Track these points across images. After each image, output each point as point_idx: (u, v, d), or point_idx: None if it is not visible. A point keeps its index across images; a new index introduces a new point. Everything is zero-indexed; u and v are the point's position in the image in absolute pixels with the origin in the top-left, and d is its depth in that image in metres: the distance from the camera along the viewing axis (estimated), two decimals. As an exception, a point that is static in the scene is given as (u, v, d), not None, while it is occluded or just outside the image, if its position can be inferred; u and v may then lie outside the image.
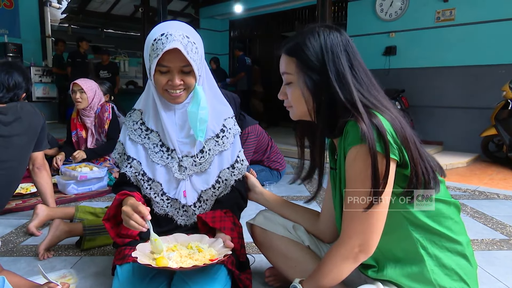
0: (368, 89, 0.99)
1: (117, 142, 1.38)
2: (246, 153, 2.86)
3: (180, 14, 8.70)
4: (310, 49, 0.99)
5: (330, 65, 0.98)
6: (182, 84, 1.21)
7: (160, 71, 1.19)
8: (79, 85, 3.02)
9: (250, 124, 2.97)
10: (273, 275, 1.45)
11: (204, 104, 1.24)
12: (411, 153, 0.92)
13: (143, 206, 1.10)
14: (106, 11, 9.06)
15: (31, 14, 8.17)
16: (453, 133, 5.04)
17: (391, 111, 0.96)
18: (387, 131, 0.90)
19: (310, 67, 0.99)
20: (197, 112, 1.23)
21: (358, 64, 1.01)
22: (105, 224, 1.24)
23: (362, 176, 0.91)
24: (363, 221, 0.93)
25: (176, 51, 1.14)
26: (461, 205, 1.12)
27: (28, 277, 1.28)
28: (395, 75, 5.42)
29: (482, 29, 4.75)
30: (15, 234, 1.97)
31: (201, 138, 1.27)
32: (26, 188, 2.68)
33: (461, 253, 0.99)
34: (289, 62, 1.04)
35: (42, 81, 7.87)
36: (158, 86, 1.22)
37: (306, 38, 1.01)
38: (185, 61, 1.17)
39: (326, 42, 0.99)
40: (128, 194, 1.22)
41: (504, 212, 2.52)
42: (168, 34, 1.15)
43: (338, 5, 6.82)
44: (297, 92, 1.03)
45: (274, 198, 1.39)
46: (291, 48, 1.04)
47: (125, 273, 1.18)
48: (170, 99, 1.24)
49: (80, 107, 3.09)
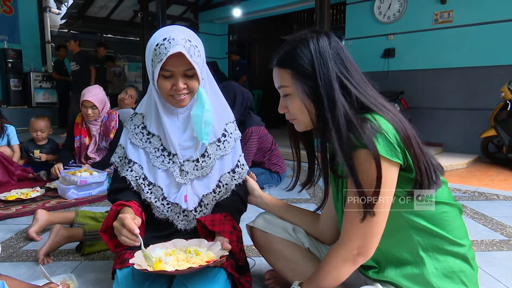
0: (365, 90, 0.99)
1: (118, 146, 1.38)
2: (247, 154, 2.89)
3: (179, 18, 8.73)
4: (302, 57, 0.98)
5: (323, 70, 0.97)
6: (185, 88, 1.21)
7: (164, 76, 1.19)
8: (91, 102, 2.96)
9: (255, 125, 2.97)
10: (273, 277, 1.44)
11: (208, 107, 1.25)
12: (414, 152, 0.91)
13: (129, 220, 1.07)
14: (106, 16, 9.08)
15: (30, 19, 8.21)
16: (453, 135, 5.05)
17: (391, 111, 0.96)
18: (389, 132, 0.90)
19: (306, 75, 0.98)
20: (201, 115, 1.23)
21: (351, 65, 1.00)
22: (102, 236, 1.22)
23: (364, 179, 0.91)
24: (363, 224, 0.93)
25: (179, 55, 1.14)
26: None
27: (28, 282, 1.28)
28: (394, 77, 5.43)
29: (480, 30, 4.76)
30: (15, 240, 1.97)
31: (205, 140, 1.27)
32: (26, 193, 2.68)
33: (463, 256, 0.99)
34: (283, 74, 1.02)
35: (42, 87, 7.89)
36: (163, 91, 1.22)
37: (296, 48, 1.00)
38: (188, 65, 1.17)
39: (316, 48, 0.98)
40: (125, 205, 1.21)
41: (503, 213, 2.52)
42: (170, 39, 1.15)
43: (336, 8, 6.85)
44: (297, 102, 1.02)
45: (273, 201, 1.39)
46: (283, 60, 1.02)
47: (125, 277, 1.18)
48: (174, 103, 1.24)
49: (90, 119, 3.06)
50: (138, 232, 1.08)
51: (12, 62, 7.54)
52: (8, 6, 7.88)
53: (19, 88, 7.68)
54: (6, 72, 7.54)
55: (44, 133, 3.45)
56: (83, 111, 3.02)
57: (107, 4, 8.57)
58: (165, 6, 6.46)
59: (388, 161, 0.89)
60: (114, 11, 8.92)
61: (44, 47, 8.38)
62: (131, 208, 1.19)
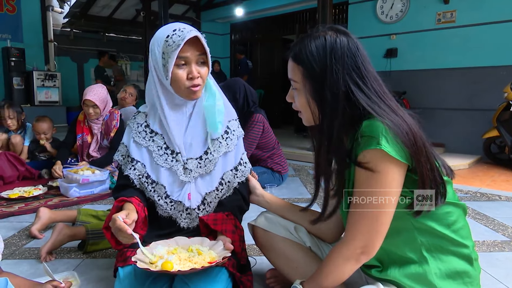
0: (382, 100, 0.97)
1: (121, 144, 1.38)
2: (250, 143, 2.89)
3: (181, 17, 8.73)
4: (315, 59, 0.96)
5: (334, 77, 0.95)
6: (199, 76, 1.23)
7: (178, 65, 1.20)
8: (92, 101, 2.96)
9: (261, 114, 2.99)
10: (274, 276, 1.45)
11: (219, 96, 1.27)
12: (419, 159, 0.90)
13: (119, 222, 1.07)
14: (108, 15, 9.11)
15: (33, 18, 8.24)
16: (455, 135, 5.03)
17: (405, 115, 0.96)
18: (398, 136, 0.89)
19: (316, 77, 0.97)
20: (214, 104, 1.26)
21: (369, 74, 0.97)
22: (105, 233, 1.22)
23: (372, 180, 0.91)
24: (368, 223, 0.93)
25: (194, 40, 1.18)
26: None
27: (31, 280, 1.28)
28: (396, 77, 5.42)
29: (483, 30, 4.75)
30: (17, 237, 1.98)
31: (219, 130, 1.30)
32: (29, 191, 2.69)
33: (467, 257, 0.99)
34: (295, 69, 1.02)
35: (44, 85, 7.90)
36: (180, 82, 1.21)
37: (312, 44, 0.98)
38: (201, 50, 1.21)
39: (332, 52, 0.95)
40: (126, 200, 1.21)
41: (505, 213, 2.51)
42: (181, 28, 1.18)
43: (339, 7, 6.84)
44: (302, 99, 1.02)
45: (275, 200, 1.39)
46: (297, 55, 1.01)
47: (127, 275, 1.19)
48: (191, 93, 1.24)
49: (92, 118, 3.07)
50: (130, 231, 1.08)
51: (15, 60, 7.56)
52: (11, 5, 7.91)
53: (22, 86, 7.71)
54: (9, 70, 7.57)
55: (47, 134, 3.47)
56: (85, 110, 3.03)
57: (110, 3, 8.59)
58: (167, 5, 6.47)
59: (396, 162, 0.89)
60: (116, 10, 8.95)
61: (47, 46, 8.40)
62: (132, 203, 1.20)
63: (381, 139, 0.88)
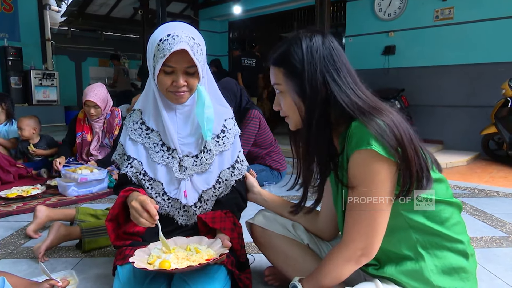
0: (360, 90, 1.00)
1: (118, 143, 1.39)
2: (246, 139, 2.89)
3: (179, 16, 8.72)
4: (294, 57, 1.00)
5: (312, 70, 0.98)
6: (186, 85, 1.21)
7: (165, 72, 1.19)
8: (93, 101, 2.95)
9: (256, 110, 3.00)
10: (273, 274, 1.45)
11: (209, 103, 1.26)
12: (407, 153, 0.90)
13: (151, 206, 1.09)
14: (106, 13, 9.08)
15: (30, 17, 8.21)
16: (453, 132, 5.04)
17: (385, 111, 0.96)
18: (385, 133, 0.89)
19: (297, 74, 1.00)
20: (203, 112, 1.24)
21: (343, 66, 1.01)
22: (107, 226, 1.24)
23: (366, 180, 0.92)
24: (366, 225, 0.94)
25: (183, 52, 1.15)
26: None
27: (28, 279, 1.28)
28: (394, 75, 5.42)
29: (481, 27, 4.75)
30: (16, 237, 1.98)
31: (209, 137, 1.28)
32: (27, 190, 2.68)
33: (462, 252, 0.99)
34: (276, 72, 1.05)
35: (42, 85, 7.87)
36: (162, 86, 1.22)
37: (290, 47, 1.02)
38: (190, 62, 1.18)
39: (308, 48, 0.99)
40: (133, 190, 1.22)
41: (503, 209, 2.52)
42: (174, 35, 1.15)
43: (336, 5, 6.83)
44: (288, 100, 1.04)
45: (273, 198, 1.39)
46: (277, 58, 1.05)
47: (126, 274, 1.18)
48: (173, 99, 1.25)
49: (93, 118, 3.06)
50: (158, 217, 1.09)
51: (12, 60, 7.54)
52: (8, 4, 7.87)
53: (20, 86, 7.69)
54: (7, 70, 7.54)
55: (24, 130, 3.38)
56: (86, 110, 3.04)
57: (107, 2, 8.57)
58: (165, 4, 6.46)
59: (388, 161, 0.89)
60: (114, 9, 8.93)
61: (45, 44, 8.37)
62: (139, 192, 1.20)
63: (371, 139, 0.89)
